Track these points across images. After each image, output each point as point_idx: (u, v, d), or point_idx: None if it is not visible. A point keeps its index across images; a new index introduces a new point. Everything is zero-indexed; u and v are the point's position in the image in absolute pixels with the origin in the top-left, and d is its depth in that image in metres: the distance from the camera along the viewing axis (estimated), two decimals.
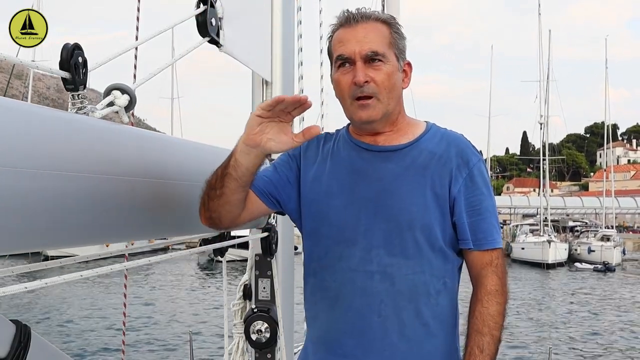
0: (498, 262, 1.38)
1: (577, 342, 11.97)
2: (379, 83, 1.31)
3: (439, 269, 1.36)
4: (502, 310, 1.35)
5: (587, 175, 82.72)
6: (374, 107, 1.32)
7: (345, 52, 1.32)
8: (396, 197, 1.34)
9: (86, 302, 15.36)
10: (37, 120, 0.93)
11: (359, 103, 1.32)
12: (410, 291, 1.34)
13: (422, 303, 1.34)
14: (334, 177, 1.39)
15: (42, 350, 1.00)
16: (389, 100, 1.34)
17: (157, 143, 1.37)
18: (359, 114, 1.33)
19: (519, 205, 44.18)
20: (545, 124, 33.75)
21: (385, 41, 1.33)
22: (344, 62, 1.33)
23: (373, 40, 1.32)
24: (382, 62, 1.32)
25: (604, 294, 19.19)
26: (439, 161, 1.36)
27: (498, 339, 1.34)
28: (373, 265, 1.33)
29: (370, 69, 1.31)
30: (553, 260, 27.61)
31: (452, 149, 1.37)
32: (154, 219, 1.27)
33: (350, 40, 1.32)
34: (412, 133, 1.40)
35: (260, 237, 1.89)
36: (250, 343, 1.94)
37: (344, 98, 1.35)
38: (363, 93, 1.31)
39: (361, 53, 1.31)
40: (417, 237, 1.33)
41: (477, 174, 1.37)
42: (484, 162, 1.42)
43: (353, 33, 1.33)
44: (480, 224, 1.36)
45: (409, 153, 1.37)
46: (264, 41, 1.99)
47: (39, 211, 0.90)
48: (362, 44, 1.31)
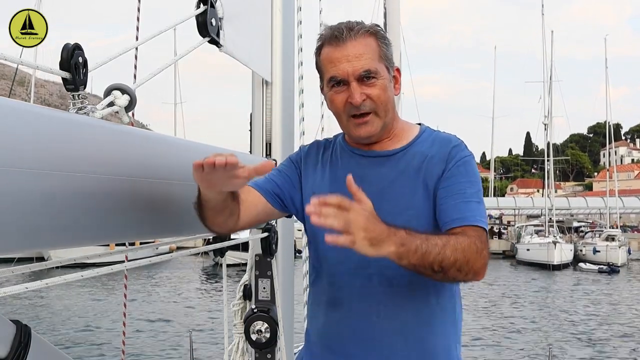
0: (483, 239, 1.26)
1: (577, 342, 11.93)
2: (375, 99, 1.31)
3: None
4: (467, 248, 1.19)
5: (591, 175, 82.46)
6: (372, 123, 1.34)
7: (338, 74, 1.31)
8: (392, 201, 1.35)
9: (87, 302, 15.41)
10: (37, 121, 0.93)
11: (356, 121, 1.33)
12: (409, 292, 1.34)
13: (421, 303, 1.35)
14: (334, 183, 1.41)
15: (42, 350, 1.00)
16: (386, 113, 1.35)
17: (157, 143, 1.37)
18: (357, 131, 1.35)
19: (524, 207, 44.05)
20: (549, 125, 33.69)
21: (375, 55, 1.33)
22: (337, 82, 1.32)
23: (364, 57, 1.30)
24: (375, 79, 1.32)
25: (610, 296, 19.10)
26: (431, 161, 1.36)
27: (444, 255, 1.16)
28: (371, 268, 1.34)
29: (364, 86, 1.31)
30: (559, 261, 27.51)
31: (444, 148, 1.38)
32: (154, 219, 1.27)
33: (341, 61, 1.30)
34: (405, 138, 1.42)
35: (260, 237, 1.89)
36: (250, 343, 1.94)
37: (340, 115, 1.37)
38: (360, 111, 1.32)
39: (354, 74, 1.30)
40: None
41: (462, 164, 1.34)
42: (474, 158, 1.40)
43: (343, 52, 1.31)
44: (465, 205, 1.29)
45: (402, 157, 1.39)
46: (264, 41, 1.99)
47: (38, 211, 0.90)
48: (354, 64, 1.30)
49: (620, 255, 28.57)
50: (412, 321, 1.34)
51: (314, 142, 1.55)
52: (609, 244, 29.38)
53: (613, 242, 29.73)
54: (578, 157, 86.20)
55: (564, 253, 28.38)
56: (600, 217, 42.52)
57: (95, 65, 1.17)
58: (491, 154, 50.30)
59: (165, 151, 1.36)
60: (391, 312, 1.34)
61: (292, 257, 2.18)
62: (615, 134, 47.38)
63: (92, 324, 12.69)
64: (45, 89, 43.32)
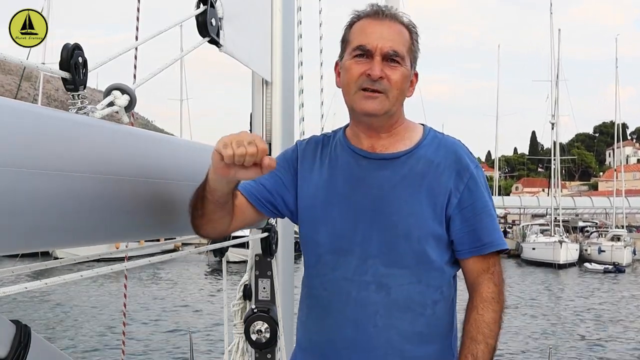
0: (495, 270, 1.36)
1: (582, 342, 11.88)
2: (392, 82, 1.30)
3: (435, 279, 1.34)
4: (497, 318, 1.33)
5: (596, 175, 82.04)
6: (381, 102, 1.31)
7: (367, 43, 1.30)
8: (393, 206, 1.32)
9: (87, 302, 15.45)
10: (37, 120, 0.93)
11: (365, 94, 1.30)
12: (406, 301, 1.32)
13: (418, 313, 1.33)
14: (332, 184, 1.38)
15: (42, 350, 1.00)
16: (396, 101, 1.33)
17: (157, 143, 1.37)
18: (363, 104, 1.31)
19: (529, 206, 43.88)
20: (555, 124, 33.55)
21: (407, 45, 1.34)
22: (362, 53, 1.31)
23: (396, 40, 1.32)
24: (399, 64, 1.31)
25: (615, 296, 19.00)
26: (437, 170, 1.34)
27: (493, 347, 1.32)
28: (368, 276, 1.32)
29: (387, 66, 1.30)
30: (564, 260, 27.40)
31: (450, 156, 1.36)
32: (154, 218, 1.27)
33: (374, 33, 1.31)
34: (409, 139, 1.39)
35: (260, 238, 1.89)
36: (250, 343, 1.94)
37: (350, 85, 1.33)
38: (374, 86, 1.30)
39: (382, 49, 1.30)
40: (413, 247, 1.31)
41: (475, 182, 1.35)
42: (481, 168, 1.41)
43: (378, 27, 1.32)
44: (480, 229, 1.34)
45: (406, 161, 1.36)
46: (264, 41, 1.99)
47: (39, 211, 0.90)
48: (385, 40, 1.30)
49: (626, 255, 28.40)
50: (408, 331, 1.32)
51: (312, 138, 1.49)
52: (615, 244, 29.24)
53: (618, 242, 29.59)
54: (584, 156, 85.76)
55: (570, 252, 28.25)
56: (605, 217, 42.28)
57: (95, 65, 1.18)
58: (495, 152, 50.17)
59: (165, 151, 1.36)
60: (387, 322, 1.31)
61: (292, 257, 2.17)
62: (622, 134, 47.09)
63: (93, 323, 12.72)
64: (51, 84, 43.54)
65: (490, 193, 1.41)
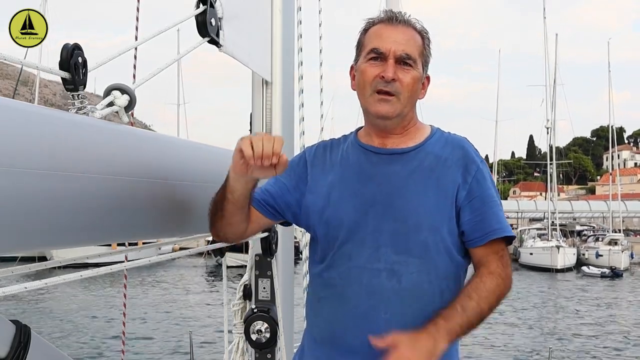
0: (504, 254, 1.39)
1: (579, 345, 11.90)
2: (405, 85, 1.36)
3: (444, 270, 1.37)
4: (497, 290, 1.33)
5: (594, 179, 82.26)
6: (393, 105, 1.37)
7: (381, 47, 1.37)
8: (404, 198, 1.37)
9: (88, 302, 15.43)
10: (37, 121, 0.93)
11: (379, 97, 1.37)
12: (416, 290, 1.35)
13: (427, 302, 1.35)
14: (345, 183, 1.42)
15: (42, 351, 1.00)
16: (407, 103, 1.39)
17: (157, 143, 1.37)
18: (377, 107, 1.38)
19: (526, 210, 43.94)
20: (552, 128, 33.63)
21: (419, 50, 1.40)
22: (376, 56, 1.38)
23: (409, 44, 1.38)
24: (411, 67, 1.38)
25: (612, 300, 19.04)
26: (445, 164, 1.39)
27: (484, 311, 1.31)
28: (380, 263, 1.35)
29: (400, 69, 1.36)
30: (562, 265, 27.45)
31: (457, 152, 1.41)
32: (154, 219, 1.28)
33: (388, 38, 1.38)
34: (418, 137, 1.45)
35: (260, 237, 1.89)
36: (250, 343, 1.94)
37: (365, 88, 1.39)
38: (387, 88, 1.36)
39: (395, 53, 1.36)
40: (424, 238, 1.35)
41: (482, 175, 1.40)
42: (486, 164, 1.46)
43: (393, 32, 1.39)
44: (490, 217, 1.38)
45: (415, 156, 1.41)
46: (264, 41, 1.99)
47: (38, 211, 0.90)
48: (398, 44, 1.37)
49: (623, 259, 28.44)
50: (418, 319, 1.33)
51: (320, 143, 1.55)
52: (612, 248, 29.27)
53: (616, 246, 29.62)
54: (581, 160, 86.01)
55: (567, 257, 28.30)
56: (603, 221, 42.34)
57: (95, 65, 1.18)
58: (494, 157, 50.18)
59: (165, 151, 1.36)
60: (399, 309, 1.34)
61: (292, 257, 2.18)
62: (619, 138, 47.31)
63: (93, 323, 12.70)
64: (48, 89, 43.47)
65: (496, 187, 1.45)
